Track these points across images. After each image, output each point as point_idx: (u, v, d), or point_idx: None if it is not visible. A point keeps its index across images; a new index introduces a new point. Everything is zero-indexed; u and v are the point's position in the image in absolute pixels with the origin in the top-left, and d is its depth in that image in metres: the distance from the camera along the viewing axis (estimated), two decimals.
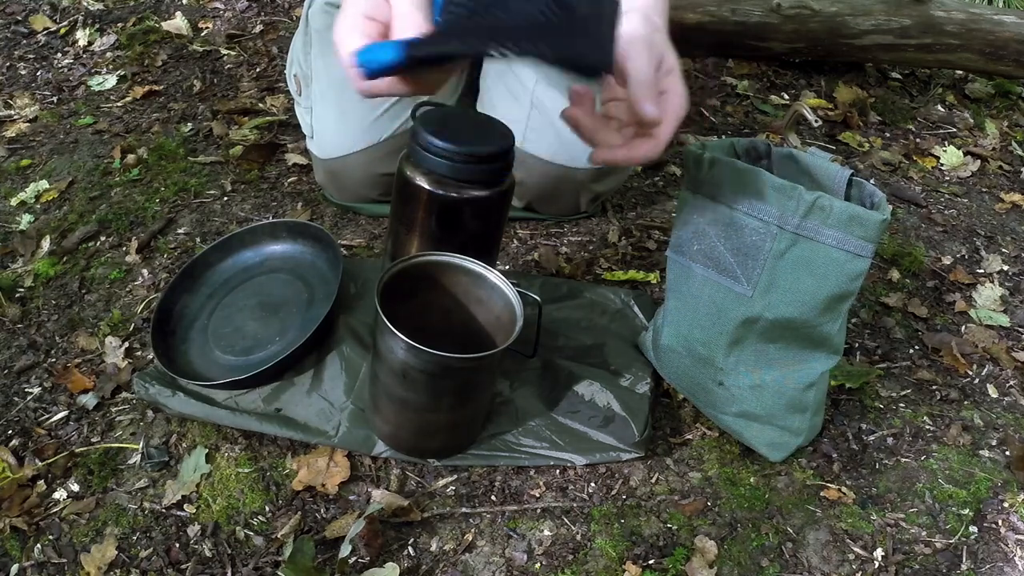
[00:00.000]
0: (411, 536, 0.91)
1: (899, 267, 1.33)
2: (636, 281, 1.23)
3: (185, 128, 1.49)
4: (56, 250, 1.23)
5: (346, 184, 1.27)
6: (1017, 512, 0.98)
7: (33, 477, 0.94)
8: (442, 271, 0.93)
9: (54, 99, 1.59)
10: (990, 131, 1.76)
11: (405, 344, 0.82)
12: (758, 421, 0.97)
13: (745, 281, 0.91)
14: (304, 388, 1.00)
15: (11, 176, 1.39)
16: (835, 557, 0.92)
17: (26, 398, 1.04)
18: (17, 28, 1.79)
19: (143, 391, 0.99)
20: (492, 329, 0.94)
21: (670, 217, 1.37)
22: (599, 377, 1.02)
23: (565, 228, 1.33)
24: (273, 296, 1.09)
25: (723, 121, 1.66)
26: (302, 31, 1.27)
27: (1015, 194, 1.56)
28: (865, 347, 1.18)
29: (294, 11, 1.85)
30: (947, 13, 1.76)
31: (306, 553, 0.86)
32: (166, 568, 0.87)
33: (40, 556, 0.88)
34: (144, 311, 1.14)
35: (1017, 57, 1.77)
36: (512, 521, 0.93)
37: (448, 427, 0.95)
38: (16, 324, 1.13)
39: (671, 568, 0.89)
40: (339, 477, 0.94)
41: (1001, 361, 1.19)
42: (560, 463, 0.98)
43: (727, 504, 0.96)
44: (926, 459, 1.04)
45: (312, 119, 1.26)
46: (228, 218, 1.30)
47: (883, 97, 1.81)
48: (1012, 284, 1.34)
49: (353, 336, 1.04)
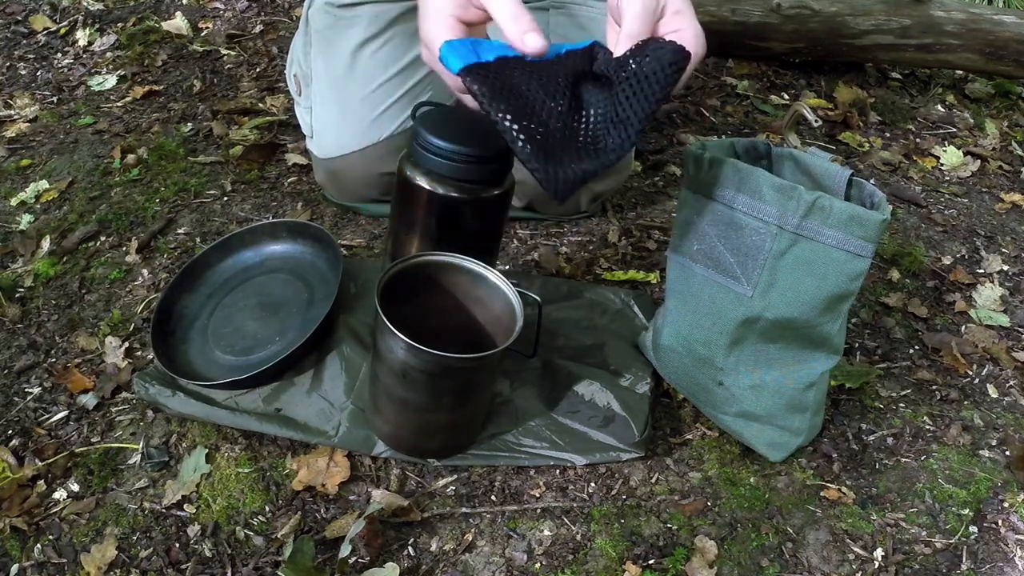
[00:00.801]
0: (411, 536, 0.91)
1: (899, 267, 1.33)
2: (636, 281, 1.23)
3: (185, 128, 1.49)
4: (56, 250, 1.23)
5: (346, 184, 1.27)
6: (1017, 512, 0.98)
7: (33, 477, 0.94)
8: (442, 271, 0.93)
9: (54, 99, 1.59)
10: (990, 131, 1.76)
11: (405, 344, 0.82)
12: (758, 421, 0.97)
13: (745, 281, 0.91)
14: (304, 388, 1.00)
15: (11, 176, 1.39)
16: (835, 557, 0.92)
17: (26, 398, 1.04)
18: (17, 28, 1.79)
19: (143, 391, 0.99)
20: (492, 329, 0.94)
21: (670, 217, 1.37)
22: (599, 377, 1.02)
23: (565, 228, 1.33)
24: (273, 296, 1.09)
25: (723, 121, 1.66)
26: (302, 31, 1.27)
27: (1015, 194, 1.56)
28: (865, 347, 1.18)
29: (294, 11, 1.85)
30: (947, 13, 1.76)
31: (306, 553, 0.86)
32: (166, 568, 0.87)
33: (40, 556, 0.88)
34: (144, 311, 1.14)
35: (1017, 57, 1.77)
36: (512, 521, 0.93)
37: (448, 427, 0.95)
38: (16, 324, 1.13)
39: (671, 568, 0.89)
40: (339, 477, 0.94)
41: (1001, 361, 1.19)
42: (560, 463, 0.98)
43: (727, 504, 0.96)
44: (926, 459, 1.04)
45: (312, 119, 1.26)
46: (228, 218, 1.30)
47: (883, 97, 1.81)
48: (1012, 284, 1.34)
49: (353, 336, 1.04)
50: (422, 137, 0.92)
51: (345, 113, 1.22)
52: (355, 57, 1.20)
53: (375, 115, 1.20)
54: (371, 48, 1.20)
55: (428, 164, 0.92)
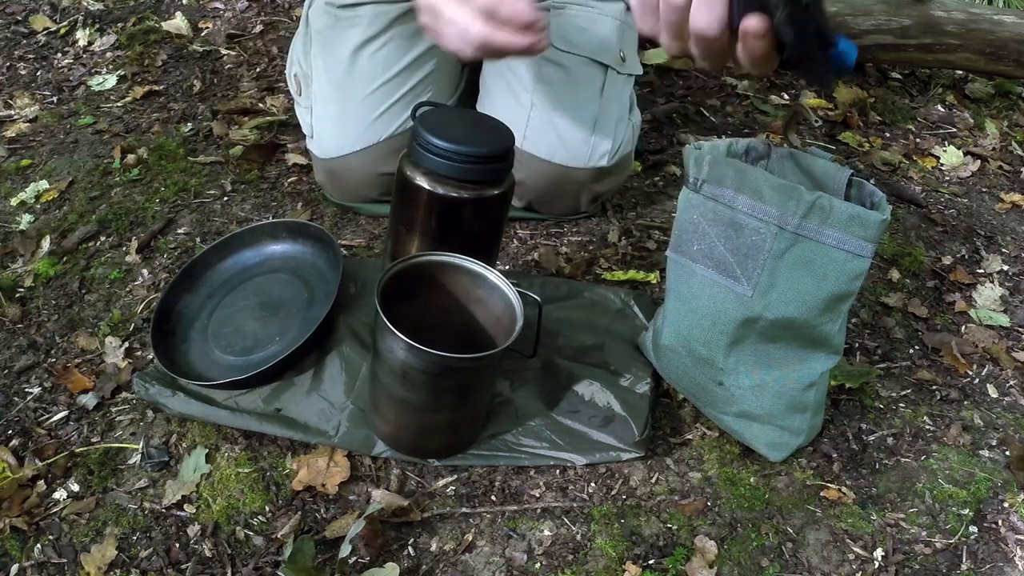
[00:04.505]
0: (411, 536, 0.91)
1: (899, 267, 1.33)
2: (636, 281, 1.23)
3: (185, 128, 1.49)
4: (56, 250, 1.23)
5: (346, 184, 1.27)
6: (1017, 512, 0.98)
7: (33, 477, 0.94)
8: (442, 271, 0.93)
9: (54, 99, 1.59)
10: (990, 131, 1.76)
11: (405, 344, 0.82)
12: (758, 421, 0.97)
13: (745, 281, 0.91)
14: (304, 388, 1.00)
15: (11, 176, 1.39)
16: (835, 557, 0.92)
17: (26, 398, 1.04)
18: (17, 28, 1.79)
19: (143, 391, 0.99)
20: (492, 329, 0.94)
21: (670, 217, 1.37)
22: (599, 377, 1.02)
23: (565, 228, 1.33)
24: (273, 296, 1.09)
25: (723, 121, 1.66)
26: (302, 31, 1.27)
27: (1015, 194, 1.56)
28: (865, 347, 1.18)
29: (294, 11, 1.85)
30: (947, 13, 1.76)
31: (306, 553, 0.85)
32: (166, 568, 0.87)
33: (40, 556, 0.88)
34: (144, 311, 1.14)
35: (1017, 57, 1.77)
36: (512, 521, 0.93)
37: (448, 427, 0.95)
38: (16, 324, 1.13)
39: (671, 568, 0.89)
40: (339, 477, 0.94)
41: (1001, 361, 1.19)
42: (560, 463, 0.98)
43: (727, 504, 0.96)
44: (926, 459, 1.04)
45: (312, 119, 1.26)
46: (228, 218, 1.30)
47: (883, 97, 1.81)
48: (1012, 284, 1.34)
49: (353, 336, 1.04)
50: (422, 137, 0.92)
51: (345, 113, 1.22)
52: (355, 57, 1.20)
53: (375, 115, 1.20)
54: (371, 48, 1.20)
55: (428, 164, 0.92)
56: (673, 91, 1.73)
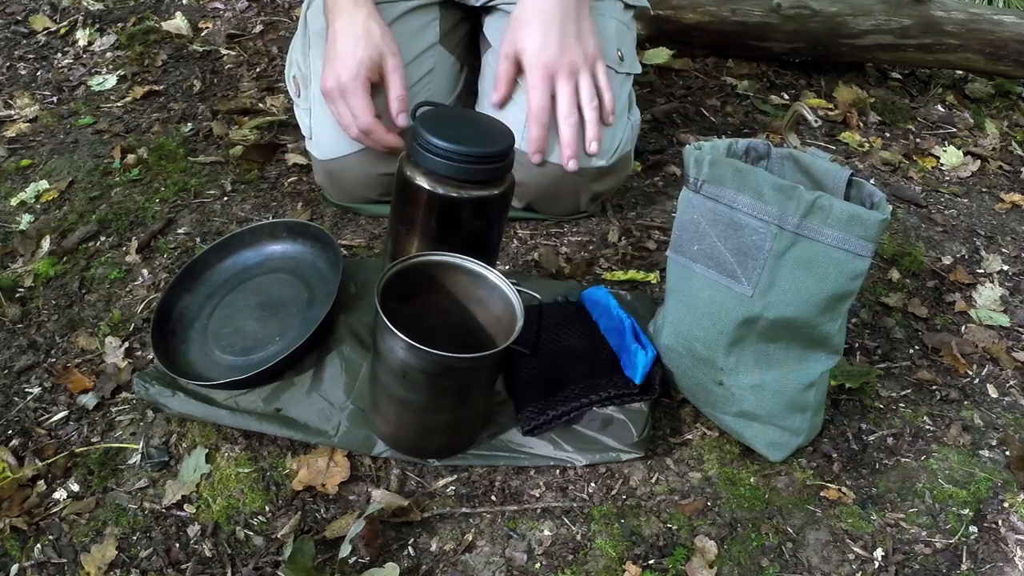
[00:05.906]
0: (411, 536, 0.91)
1: (899, 267, 1.33)
2: (636, 281, 1.23)
3: (185, 128, 1.49)
4: (56, 250, 1.23)
5: (345, 184, 1.27)
6: (1017, 512, 0.98)
7: (33, 477, 0.94)
8: (442, 271, 0.93)
9: (54, 99, 1.59)
10: (990, 131, 1.76)
11: (405, 344, 0.82)
12: (758, 421, 0.97)
13: (745, 281, 0.91)
14: (304, 388, 1.00)
15: (11, 176, 1.39)
16: (835, 557, 0.92)
17: (26, 398, 1.04)
18: (17, 28, 1.79)
19: (143, 391, 0.99)
20: (492, 329, 0.94)
21: (670, 217, 1.37)
22: None
23: (565, 228, 1.33)
24: (273, 296, 1.09)
25: (723, 121, 1.66)
26: (301, 32, 1.27)
27: (1015, 194, 1.56)
28: (865, 347, 1.18)
29: (294, 11, 1.85)
30: (947, 13, 1.76)
31: (306, 553, 0.86)
32: (166, 568, 0.87)
33: (40, 556, 0.88)
34: (144, 311, 1.14)
35: (1017, 57, 1.77)
36: (512, 521, 0.93)
37: (448, 427, 0.95)
38: (16, 324, 1.13)
39: (671, 568, 0.89)
40: (339, 477, 0.94)
41: (1001, 361, 1.19)
42: (560, 463, 0.98)
43: (727, 504, 0.96)
44: (926, 459, 1.04)
45: (311, 120, 1.26)
46: (228, 218, 1.30)
47: (883, 97, 1.81)
48: (1012, 284, 1.34)
49: (353, 336, 1.04)
50: (422, 137, 0.92)
51: None
52: None
53: None
54: None
55: (428, 164, 0.92)
56: (673, 91, 1.73)
